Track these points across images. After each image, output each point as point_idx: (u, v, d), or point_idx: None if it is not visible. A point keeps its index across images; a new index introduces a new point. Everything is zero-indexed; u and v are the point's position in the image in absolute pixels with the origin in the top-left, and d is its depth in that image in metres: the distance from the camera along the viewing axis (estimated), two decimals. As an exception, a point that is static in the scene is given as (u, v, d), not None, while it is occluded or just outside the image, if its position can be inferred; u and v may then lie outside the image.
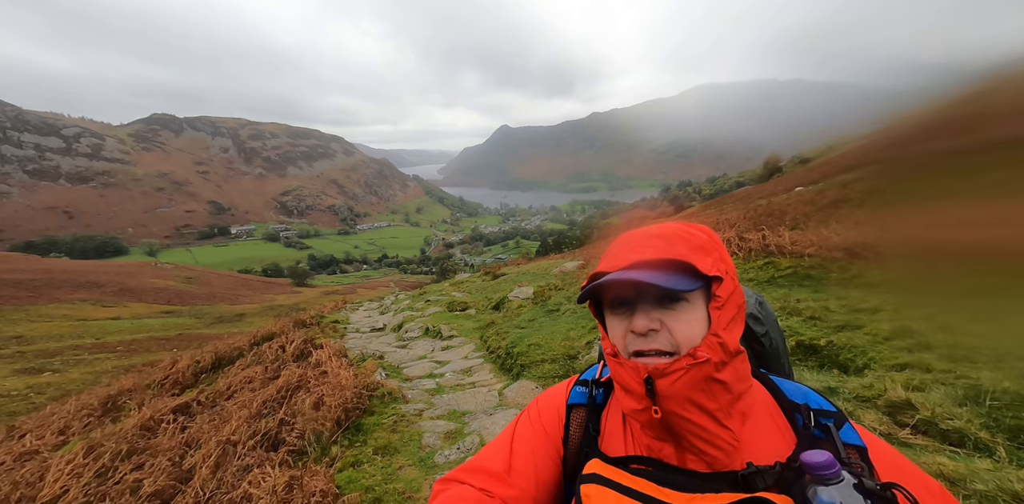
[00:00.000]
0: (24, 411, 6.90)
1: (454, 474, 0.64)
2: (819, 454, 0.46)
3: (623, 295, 0.57)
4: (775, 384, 0.63)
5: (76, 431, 3.90)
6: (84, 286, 29.59)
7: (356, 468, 2.29)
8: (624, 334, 0.57)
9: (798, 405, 0.59)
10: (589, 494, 0.52)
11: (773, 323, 0.89)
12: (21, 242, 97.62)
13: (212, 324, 20.12)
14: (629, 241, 0.59)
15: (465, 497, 0.57)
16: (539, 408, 0.71)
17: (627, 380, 0.55)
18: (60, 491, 2.45)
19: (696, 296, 0.55)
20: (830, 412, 0.58)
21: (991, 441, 1.61)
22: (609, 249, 0.61)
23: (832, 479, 0.44)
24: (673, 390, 0.51)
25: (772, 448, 0.54)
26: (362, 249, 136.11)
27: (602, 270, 0.57)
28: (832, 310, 3.01)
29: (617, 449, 0.60)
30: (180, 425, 3.24)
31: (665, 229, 0.59)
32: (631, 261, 0.55)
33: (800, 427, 0.56)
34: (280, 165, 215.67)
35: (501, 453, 0.64)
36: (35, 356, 12.09)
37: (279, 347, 5.21)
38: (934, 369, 2.08)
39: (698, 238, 0.58)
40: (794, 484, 0.47)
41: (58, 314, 20.74)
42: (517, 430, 0.68)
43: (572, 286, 6.33)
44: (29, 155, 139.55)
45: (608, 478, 0.53)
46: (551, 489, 0.62)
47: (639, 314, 0.55)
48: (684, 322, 0.54)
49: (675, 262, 0.54)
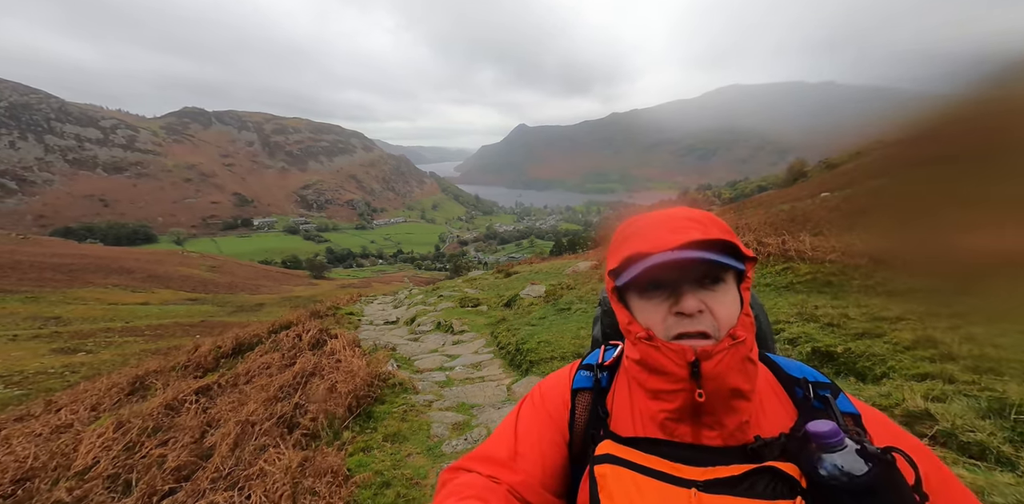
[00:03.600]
0: (60, 388, 7.30)
1: (460, 463, 0.65)
2: (824, 424, 0.47)
3: (662, 277, 0.56)
4: (772, 360, 0.65)
5: (107, 408, 4.12)
6: (116, 272, 31.02)
7: (366, 453, 2.37)
8: (664, 317, 0.56)
9: (796, 379, 0.61)
10: (605, 474, 0.52)
11: (759, 306, 0.90)
12: (61, 227, 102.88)
13: (233, 312, 20.82)
14: (663, 223, 0.58)
15: (473, 485, 0.58)
16: (542, 393, 0.71)
17: (665, 363, 0.54)
18: (92, 462, 2.60)
19: (731, 277, 0.57)
20: (826, 384, 0.60)
21: (1014, 455, 1.56)
22: (632, 231, 0.59)
23: (837, 447, 0.45)
24: (717, 371, 0.52)
25: (777, 421, 0.56)
26: (378, 244, 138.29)
27: (642, 251, 0.55)
28: (852, 317, 2.93)
29: (626, 429, 0.60)
30: (202, 406, 3.39)
31: (692, 212, 0.59)
32: (680, 241, 0.53)
33: (800, 399, 0.59)
34: (301, 159, 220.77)
35: (506, 440, 0.65)
36: (70, 337, 12.76)
37: (296, 336, 5.37)
38: (957, 380, 2.02)
39: (723, 222, 0.59)
40: (799, 453, 0.48)
41: (92, 297, 21.82)
42: (520, 416, 0.68)
43: (584, 285, 6.31)
44: (70, 145, 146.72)
45: (622, 457, 0.54)
46: (558, 473, 0.63)
47: (687, 295, 0.54)
48: (724, 303, 0.55)
49: (719, 242, 0.55)
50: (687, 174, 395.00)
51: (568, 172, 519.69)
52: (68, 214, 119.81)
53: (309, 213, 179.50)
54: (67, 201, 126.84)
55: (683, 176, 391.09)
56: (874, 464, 0.44)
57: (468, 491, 0.56)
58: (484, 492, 0.56)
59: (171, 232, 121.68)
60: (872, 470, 0.43)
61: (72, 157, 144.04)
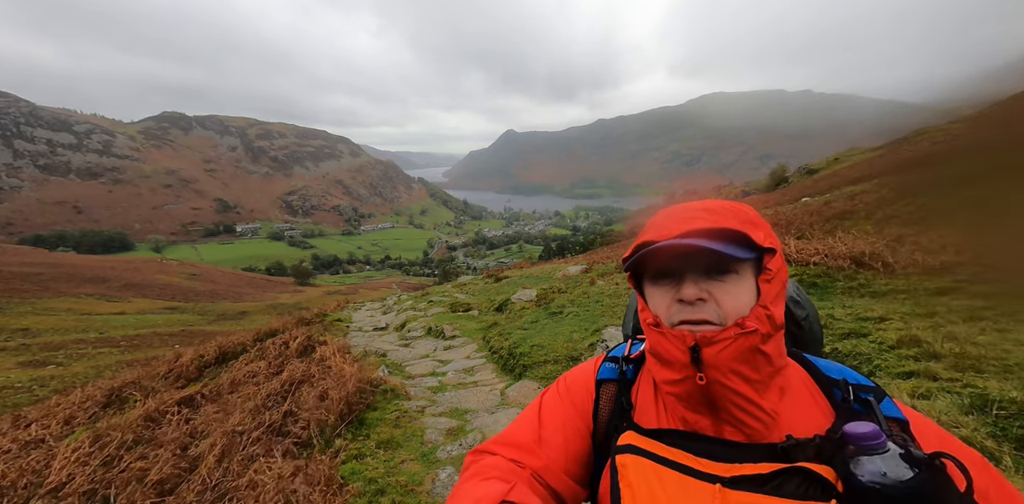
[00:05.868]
0: (27, 403, 6.95)
1: (485, 446, 0.65)
2: (863, 425, 0.45)
3: (669, 265, 0.56)
4: (811, 362, 0.62)
5: (81, 421, 3.93)
6: (90, 280, 29.87)
7: (359, 461, 2.31)
8: (669, 304, 0.56)
9: (836, 380, 0.58)
10: (625, 464, 0.52)
11: (812, 308, 0.87)
12: (30, 235, 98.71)
13: (215, 321, 20.22)
14: (676, 212, 0.58)
15: (499, 466, 0.58)
16: (567, 384, 0.70)
17: (669, 349, 0.54)
18: (66, 478, 2.47)
19: (746, 268, 0.55)
20: (869, 387, 0.57)
21: (998, 450, 1.61)
22: (652, 221, 0.60)
23: (878, 449, 0.42)
24: (719, 359, 0.51)
25: (811, 422, 0.54)
26: (365, 250, 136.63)
27: (650, 239, 0.56)
28: (837, 318, 3.01)
29: (650, 422, 0.59)
30: (184, 416, 3.26)
31: (713, 203, 0.58)
32: (683, 230, 0.54)
33: (839, 401, 0.56)
34: (287, 165, 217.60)
35: (530, 426, 0.64)
36: (40, 349, 12.18)
37: (282, 343, 5.24)
38: (941, 378, 2.08)
39: (747, 213, 0.57)
40: (835, 456, 0.46)
41: (63, 308, 20.92)
42: (544, 404, 0.68)
43: (575, 289, 6.34)
44: (41, 150, 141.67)
45: (644, 448, 0.53)
46: (581, 460, 0.62)
47: (688, 282, 0.55)
48: (732, 294, 0.54)
49: (728, 231, 0.54)
50: (673, 179, 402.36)
51: (556, 177, 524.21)
52: (38, 221, 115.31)
53: (295, 219, 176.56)
54: (37, 208, 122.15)
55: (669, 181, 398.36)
56: (921, 469, 0.41)
57: (493, 472, 0.56)
58: (508, 474, 0.56)
59: (149, 239, 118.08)
60: (919, 475, 0.40)
61: (43, 162, 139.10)
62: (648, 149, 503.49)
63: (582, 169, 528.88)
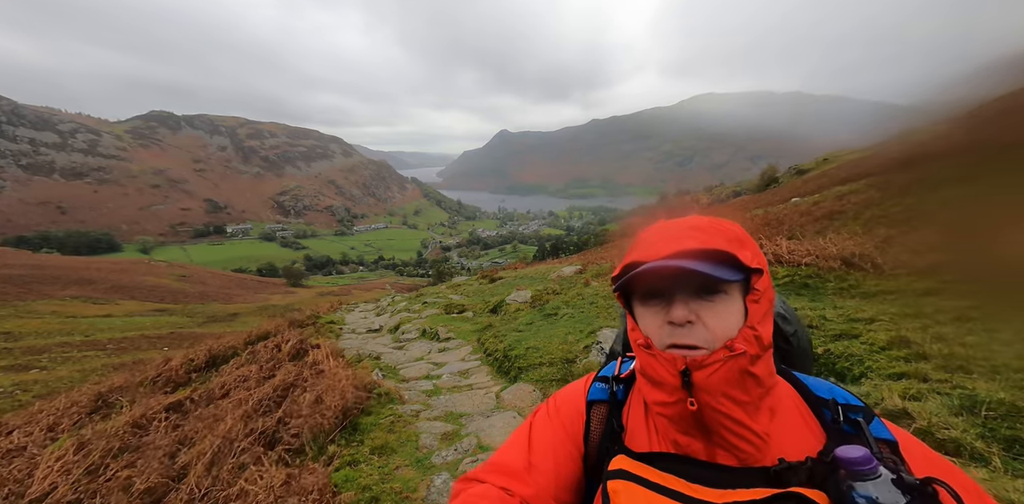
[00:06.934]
0: (9, 408, 6.77)
1: (473, 473, 0.63)
2: (855, 449, 0.45)
3: (658, 286, 0.56)
4: (799, 380, 0.62)
5: (66, 428, 3.84)
6: (75, 282, 29.25)
7: (353, 467, 2.28)
8: (660, 325, 0.56)
9: (825, 400, 0.58)
10: (617, 490, 0.51)
11: (799, 323, 0.87)
12: (12, 237, 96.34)
13: (205, 323, 19.92)
14: (664, 231, 0.58)
15: (488, 496, 0.56)
16: (557, 405, 0.69)
17: (660, 372, 0.54)
18: (49, 487, 2.41)
19: (734, 289, 0.55)
20: (858, 407, 0.56)
21: (987, 451, 1.63)
22: (639, 239, 0.60)
23: (870, 475, 0.42)
24: (709, 382, 0.51)
25: (802, 443, 0.53)
26: (359, 250, 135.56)
27: (638, 259, 0.56)
28: (829, 319, 3.03)
29: (641, 445, 0.59)
30: (173, 423, 3.20)
31: (701, 221, 0.58)
32: (672, 250, 0.53)
33: (829, 422, 0.55)
34: (278, 165, 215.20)
35: (520, 451, 0.63)
36: (23, 353, 11.89)
37: (274, 346, 5.17)
38: (931, 379, 2.10)
39: (733, 231, 0.57)
40: (827, 479, 0.45)
41: (47, 311, 20.46)
42: (534, 427, 0.66)
43: (570, 290, 6.34)
44: (23, 149, 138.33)
45: (636, 474, 0.52)
46: (572, 486, 0.61)
47: (678, 304, 0.54)
48: (720, 315, 0.53)
49: (716, 252, 0.53)
50: (666, 179, 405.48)
51: (550, 177, 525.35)
52: (21, 222, 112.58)
53: (287, 220, 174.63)
54: (20, 208, 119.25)
55: (662, 181, 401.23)
56: (913, 496, 0.41)
57: (482, 502, 0.55)
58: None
59: (137, 240, 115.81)
60: (911, 502, 0.40)
61: (26, 162, 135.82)
62: (641, 149, 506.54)
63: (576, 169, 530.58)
